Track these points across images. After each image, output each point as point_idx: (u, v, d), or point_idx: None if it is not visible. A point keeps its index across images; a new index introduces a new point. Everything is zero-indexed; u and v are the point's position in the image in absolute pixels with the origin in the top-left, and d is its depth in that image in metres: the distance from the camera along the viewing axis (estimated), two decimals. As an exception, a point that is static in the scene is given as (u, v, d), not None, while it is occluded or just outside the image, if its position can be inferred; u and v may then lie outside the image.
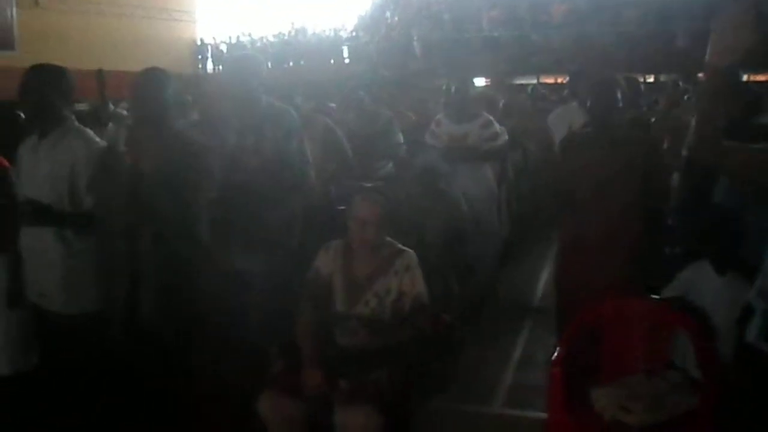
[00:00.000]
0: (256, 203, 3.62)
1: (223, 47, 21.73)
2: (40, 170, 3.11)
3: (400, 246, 3.05)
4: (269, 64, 20.73)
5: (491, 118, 5.43)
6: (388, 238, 3.07)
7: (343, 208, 3.95)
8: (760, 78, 12.69)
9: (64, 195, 3.06)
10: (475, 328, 4.62)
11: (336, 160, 4.83)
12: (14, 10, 15.42)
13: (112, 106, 7.35)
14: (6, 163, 3.40)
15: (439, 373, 3.07)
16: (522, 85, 14.82)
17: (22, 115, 3.57)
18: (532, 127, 7.01)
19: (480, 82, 16.21)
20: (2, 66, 11.75)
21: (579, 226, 3.67)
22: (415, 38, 17.28)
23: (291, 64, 20.14)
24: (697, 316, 3.04)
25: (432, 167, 4.75)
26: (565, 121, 5.34)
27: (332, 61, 19.40)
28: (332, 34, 20.52)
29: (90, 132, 3.22)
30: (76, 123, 3.25)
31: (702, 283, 3.15)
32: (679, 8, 15.93)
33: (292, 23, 21.11)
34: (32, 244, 3.14)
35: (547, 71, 16.76)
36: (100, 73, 5.01)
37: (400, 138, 5.79)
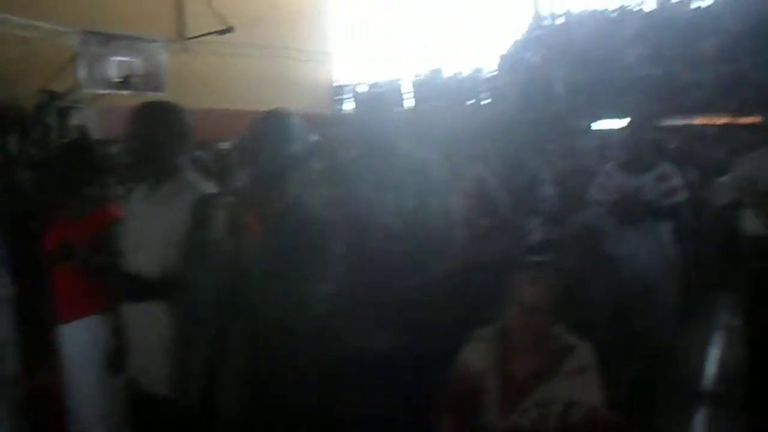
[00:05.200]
0: (390, 273, 3.10)
1: (361, 88, 21.74)
2: (150, 232, 2.66)
3: (572, 338, 2.42)
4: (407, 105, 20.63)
5: (671, 169, 4.68)
6: (558, 328, 2.46)
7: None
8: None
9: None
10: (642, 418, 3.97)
11: (490, 216, 4.10)
12: (164, 55, 16.13)
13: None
14: (118, 214, 3.05)
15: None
16: (671, 126, 13.75)
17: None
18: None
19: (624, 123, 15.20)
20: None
21: None
22: (557, 78, 16.52)
23: (428, 105, 19.83)
24: None
25: (593, 227, 4.08)
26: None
27: (470, 103, 18.92)
28: (471, 74, 20.09)
29: (207, 186, 2.76)
30: (193, 174, 2.80)
31: None
32: None
33: (429, 64, 20.86)
34: (137, 314, 2.71)
35: (699, 111, 15.52)
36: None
37: (550, 191, 4.98)
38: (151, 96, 13.41)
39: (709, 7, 18.61)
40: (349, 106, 21.63)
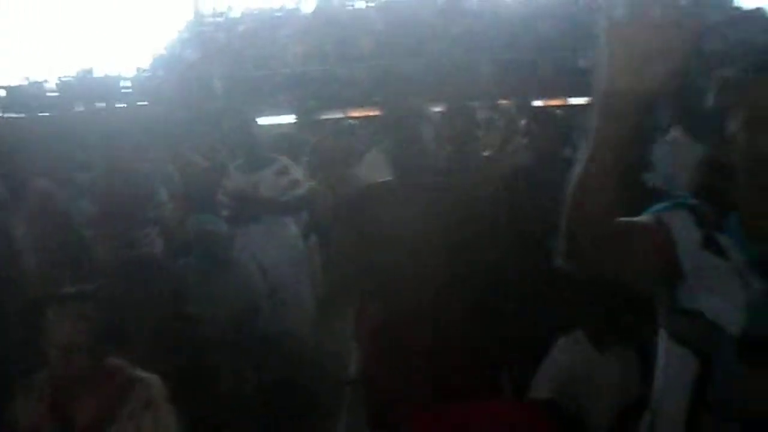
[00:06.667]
0: None
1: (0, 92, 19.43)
2: None
3: (133, 372, 2.10)
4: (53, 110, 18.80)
5: (288, 162, 4.62)
6: (115, 361, 2.11)
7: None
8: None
9: None
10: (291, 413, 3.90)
11: (58, 240, 3.70)
12: None
13: None
14: None
15: None
16: (331, 120, 14.30)
17: None
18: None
19: (290, 119, 15.51)
20: None
21: (393, 309, 2.61)
22: (215, 76, 16.27)
23: (81, 108, 18.28)
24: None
25: (206, 230, 3.82)
26: None
27: (125, 105, 17.77)
28: (125, 74, 18.97)
29: None
30: None
31: (576, 365, 2.37)
32: (482, 37, 16.13)
33: (78, 64, 19.26)
34: None
35: (355, 105, 16.34)
36: None
37: (164, 196, 4.58)
38: None
39: (364, 9, 19.69)
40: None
